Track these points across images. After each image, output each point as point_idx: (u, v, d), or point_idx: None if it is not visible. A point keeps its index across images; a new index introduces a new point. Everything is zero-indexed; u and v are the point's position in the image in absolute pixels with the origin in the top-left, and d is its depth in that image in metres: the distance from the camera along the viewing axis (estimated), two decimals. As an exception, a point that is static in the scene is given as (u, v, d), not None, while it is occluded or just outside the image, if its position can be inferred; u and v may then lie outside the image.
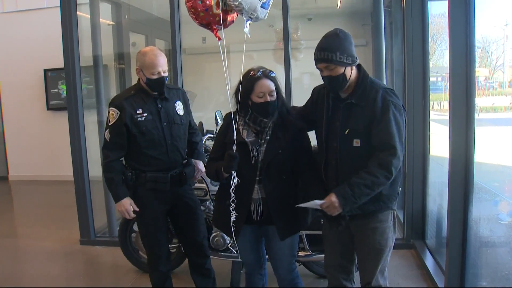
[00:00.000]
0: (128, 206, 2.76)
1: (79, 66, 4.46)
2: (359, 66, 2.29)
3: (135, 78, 2.86)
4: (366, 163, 2.18)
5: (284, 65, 4.22)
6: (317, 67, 2.24)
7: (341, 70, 2.18)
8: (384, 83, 2.30)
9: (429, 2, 3.90)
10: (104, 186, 4.64)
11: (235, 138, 2.38)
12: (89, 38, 4.76)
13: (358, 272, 2.46)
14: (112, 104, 2.77)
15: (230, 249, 3.39)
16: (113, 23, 5.57)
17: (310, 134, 2.55)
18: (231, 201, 2.38)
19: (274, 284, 2.77)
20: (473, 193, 2.89)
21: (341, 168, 2.26)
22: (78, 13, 4.46)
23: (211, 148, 2.67)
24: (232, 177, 2.37)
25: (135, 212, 2.80)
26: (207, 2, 2.35)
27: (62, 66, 4.51)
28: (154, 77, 2.69)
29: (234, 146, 2.37)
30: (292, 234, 2.51)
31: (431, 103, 4.03)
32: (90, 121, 4.78)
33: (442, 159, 3.58)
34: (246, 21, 2.37)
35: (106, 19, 5.41)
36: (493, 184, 3.12)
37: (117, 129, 2.72)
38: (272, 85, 2.38)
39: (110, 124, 2.74)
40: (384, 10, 4.38)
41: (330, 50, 2.15)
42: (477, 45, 2.90)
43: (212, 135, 3.60)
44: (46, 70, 7.86)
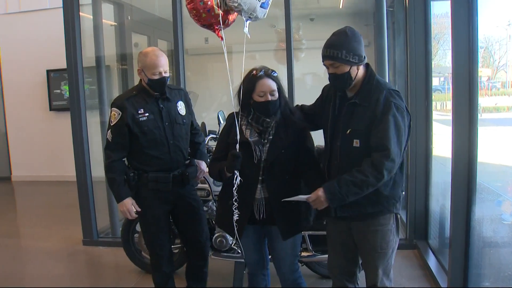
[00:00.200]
0: (130, 206, 2.77)
1: (82, 67, 4.47)
2: (368, 66, 2.28)
3: (138, 79, 2.87)
4: None
5: (286, 65, 4.21)
6: (323, 64, 2.24)
7: (346, 69, 2.18)
8: (391, 84, 2.28)
9: (431, 2, 3.89)
10: (106, 187, 4.65)
11: (238, 138, 2.38)
12: (91, 39, 4.77)
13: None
14: (114, 104, 2.79)
15: (234, 248, 3.38)
16: (115, 24, 5.58)
17: (315, 134, 2.54)
18: (234, 200, 2.38)
19: (277, 284, 2.77)
20: (476, 193, 2.89)
21: (342, 168, 2.25)
22: (80, 13, 4.47)
23: (214, 148, 2.68)
24: (235, 176, 2.37)
25: (137, 212, 2.80)
26: (209, 3, 2.36)
27: (64, 66, 4.52)
28: (156, 77, 2.70)
29: (237, 146, 2.37)
30: (294, 234, 2.51)
31: (434, 103, 4.03)
32: (92, 121, 4.79)
33: (444, 159, 3.58)
34: (246, 21, 2.37)
35: (108, 20, 5.42)
36: (496, 184, 3.11)
37: (118, 129, 2.73)
38: (273, 84, 2.38)
39: (112, 124, 2.75)
40: (386, 10, 4.36)
41: (336, 48, 2.15)
42: (479, 45, 2.89)
43: (214, 136, 3.60)
44: (48, 71, 7.87)
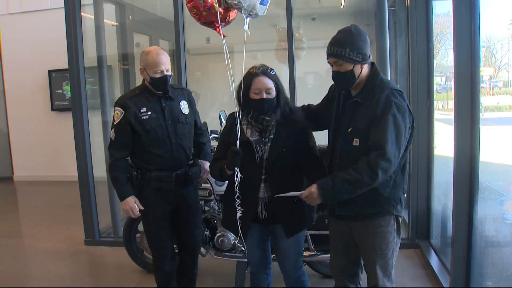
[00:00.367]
0: (132, 204, 2.78)
1: (84, 67, 4.48)
2: (373, 65, 2.26)
3: (139, 79, 2.88)
4: None
5: (288, 64, 4.19)
6: (328, 62, 2.23)
7: (349, 67, 2.17)
8: (394, 84, 2.27)
9: (433, 1, 3.89)
10: (108, 187, 4.67)
11: (239, 134, 2.38)
12: (93, 39, 4.77)
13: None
14: (117, 103, 2.80)
15: (238, 245, 3.38)
16: (117, 24, 5.58)
17: (320, 133, 2.54)
18: (236, 197, 2.39)
19: (280, 284, 2.77)
20: (478, 192, 2.89)
21: (342, 167, 2.24)
22: (82, 14, 4.48)
23: (216, 148, 2.68)
24: (235, 173, 2.38)
25: (140, 211, 2.81)
26: (209, 1, 2.35)
27: (66, 67, 4.53)
28: (157, 75, 2.71)
29: (237, 142, 2.37)
30: (298, 232, 2.51)
31: (435, 103, 4.02)
32: (94, 121, 4.80)
33: (446, 159, 3.57)
34: (246, 18, 2.37)
35: (110, 20, 5.42)
36: (498, 183, 3.11)
37: (122, 128, 2.75)
38: (269, 82, 2.37)
39: (115, 123, 2.77)
40: (388, 9, 4.36)
41: (340, 46, 2.15)
42: (481, 44, 2.88)
43: (216, 135, 3.60)
44: (50, 71, 7.89)
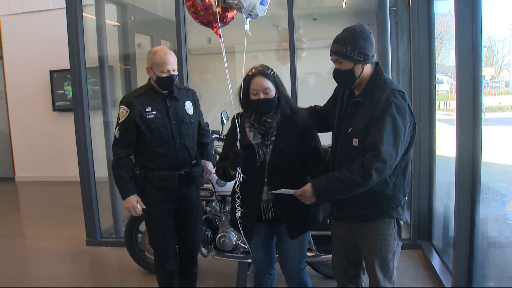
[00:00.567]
0: (135, 203, 2.79)
1: (85, 67, 4.48)
2: (376, 65, 2.25)
3: (141, 79, 2.89)
4: None
5: (289, 65, 4.18)
6: (330, 59, 2.23)
7: (349, 66, 2.16)
8: (397, 85, 2.25)
9: (435, 1, 3.88)
10: (110, 187, 4.67)
11: (238, 135, 2.39)
12: (94, 39, 4.78)
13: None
14: (122, 102, 2.82)
15: (240, 245, 3.38)
16: (118, 24, 5.59)
17: (325, 134, 2.54)
18: (237, 197, 2.40)
19: (282, 284, 2.76)
20: (480, 193, 2.88)
21: (341, 167, 2.21)
22: (83, 14, 4.48)
23: (219, 148, 2.68)
24: (236, 173, 2.39)
25: (143, 210, 2.82)
26: (207, 0, 2.36)
27: (68, 67, 4.53)
28: (164, 75, 2.73)
29: (238, 143, 2.38)
30: (302, 233, 2.49)
31: (437, 103, 4.01)
32: (96, 122, 4.79)
33: (448, 159, 3.57)
34: (246, 18, 2.38)
35: (111, 20, 5.43)
36: (500, 184, 3.10)
37: (126, 126, 2.76)
38: (267, 82, 2.36)
39: (120, 122, 2.78)
40: (389, 9, 4.35)
41: (342, 44, 2.14)
42: (483, 44, 2.88)
43: (218, 136, 3.58)
44: (52, 71, 7.89)
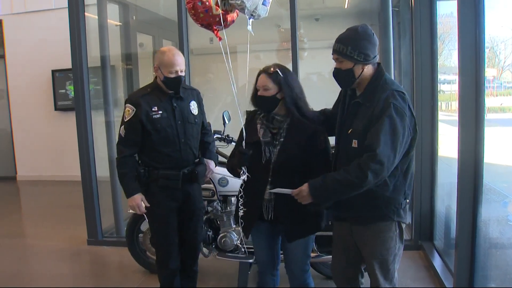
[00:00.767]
0: (139, 201, 2.80)
1: (87, 67, 4.48)
2: (378, 65, 2.24)
3: (143, 79, 2.89)
4: None
5: (291, 65, 4.17)
6: (332, 58, 2.23)
7: (349, 65, 2.16)
8: (398, 85, 2.24)
9: (437, 1, 3.87)
10: (111, 187, 4.67)
11: (245, 134, 2.41)
12: (96, 39, 4.78)
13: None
14: (128, 101, 2.83)
15: (241, 246, 3.37)
16: (120, 24, 5.58)
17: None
18: (240, 196, 2.41)
19: (285, 284, 2.76)
20: (482, 194, 2.87)
21: (341, 168, 2.21)
22: (86, 14, 4.48)
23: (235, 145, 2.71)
24: (241, 172, 2.40)
25: (146, 208, 2.83)
26: (207, 3, 2.37)
27: (70, 66, 4.54)
28: (172, 75, 2.74)
29: (244, 143, 2.40)
30: (300, 237, 2.47)
31: (439, 103, 4.01)
32: (97, 121, 4.79)
33: (450, 160, 3.56)
34: (249, 19, 2.39)
35: (113, 20, 5.42)
36: (502, 185, 3.10)
37: (132, 125, 2.77)
38: (267, 81, 2.37)
39: (125, 120, 2.79)
40: (392, 10, 4.35)
41: (343, 43, 2.15)
42: (485, 45, 2.88)
43: (219, 136, 3.57)
44: (54, 71, 7.90)
